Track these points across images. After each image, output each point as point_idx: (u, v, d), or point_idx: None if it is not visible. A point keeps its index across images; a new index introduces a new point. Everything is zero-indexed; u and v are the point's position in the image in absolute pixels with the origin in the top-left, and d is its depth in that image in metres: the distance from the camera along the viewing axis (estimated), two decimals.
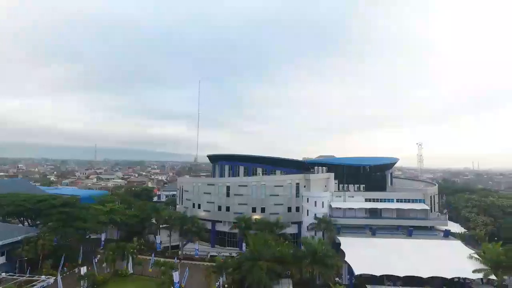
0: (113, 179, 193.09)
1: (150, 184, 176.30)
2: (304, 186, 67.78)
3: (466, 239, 61.54)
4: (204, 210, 70.29)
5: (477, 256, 49.17)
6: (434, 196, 70.72)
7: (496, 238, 71.08)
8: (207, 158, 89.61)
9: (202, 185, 72.04)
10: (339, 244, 55.13)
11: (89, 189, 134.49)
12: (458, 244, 55.41)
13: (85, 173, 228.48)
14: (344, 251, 52.14)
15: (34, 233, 52.74)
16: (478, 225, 74.61)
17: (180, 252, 64.46)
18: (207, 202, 70.04)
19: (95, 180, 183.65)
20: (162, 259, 54.77)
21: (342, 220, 62.68)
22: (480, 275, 45.40)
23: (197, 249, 63.11)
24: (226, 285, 45.84)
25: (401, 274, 46.42)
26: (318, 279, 49.09)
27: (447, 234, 58.85)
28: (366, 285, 44.53)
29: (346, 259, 50.06)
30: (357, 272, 47.11)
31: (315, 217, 61.91)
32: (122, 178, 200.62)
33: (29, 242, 49.32)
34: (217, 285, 48.92)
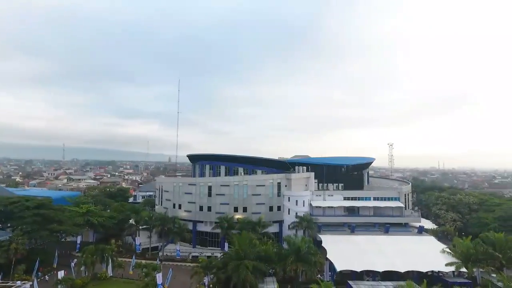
0: (85, 179, 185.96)
1: (124, 185, 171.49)
2: (285, 186, 68.73)
3: (437, 235, 64.93)
4: (185, 211, 69.49)
5: (449, 251, 52.25)
6: (408, 194, 74.03)
7: (463, 233, 75.57)
8: (187, 157, 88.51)
9: (183, 185, 71.18)
10: (321, 241, 56.49)
11: (59, 190, 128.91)
12: (431, 239, 58.45)
13: (54, 174, 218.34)
14: (326, 248, 53.50)
15: (6, 237, 50.09)
16: (448, 221, 78.93)
17: (160, 253, 63.44)
18: (188, 202, 69.29)
19: (65, 181, 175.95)
20: (143, 261, 53.72)
21: (322, 218, 64.18)
22: (452, 268, 48.28)
23: (179, 250, 62.36)
24: (211, 285, 45.71)
25: (381, 269, 48.32)
26: (300, 277, 50.06)
27: (421, 230, 61.85)
28: (348, 281, 45.93)
29: (328, 256, 51.42)
30: (339, 268, 48.54)
31: (296, 216, 62.98)
32: (94, 179, 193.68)
33: (0, 246, 46.80)
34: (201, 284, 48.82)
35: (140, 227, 66.53)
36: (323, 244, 54.99)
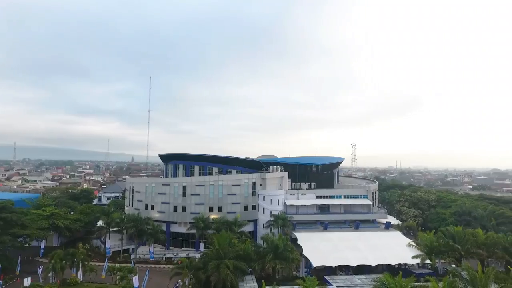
0: (42, 180, 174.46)
1: (86, 186, 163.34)
2: (260, 185, 69.61)
3: (402, 230, 69.15)
4: (158, 212, 67.94)
5: (414, 244, 56.01)
6: (375, 192, 78.02)
7: (423, 228, 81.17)
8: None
9: (156, 185, 69.52)
10: (296, 239, 57.96)
11: (14, 192, 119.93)
12: (397, 234, 62.17)
13: (5, 175, 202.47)
14: (301, 245, 55.04)
15: None
16: (410, 217, 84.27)
17: (133, 256, 61.60)
18: (162, 203, 67.84)
19: (19, 182, 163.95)
20: (117, 264, 51.91)
21: (296, 216, 65.74)
22: (418, 260, 51.78)
23: (152, 252, 60.89)
24: (190, 286, 45.30)
25: (354, 264, 50.73)
26: (277, 274, 51.10)
27: (388, 226, 65.56)
28: (324, 276, 47.65)
29: (304, 253, 52.98)
30: (315, 264, 50.25)
31: (271, 215, 64.02)
32: (52, 180, 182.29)
33: None
34: (175, 286, 48.20)
35: (111, 230, 64.12)
36: (298, 242, 56.48)
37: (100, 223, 67.75)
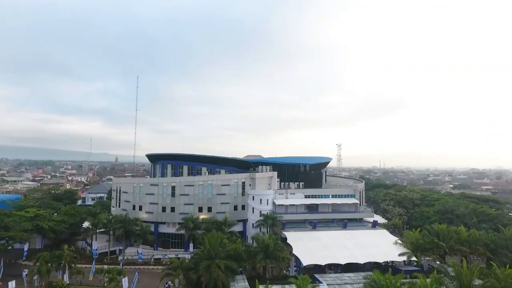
0: (22, 181, 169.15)
1: (68, 186, 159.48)
2: (250, 185, 69.76)
3: (388, 228, 70.71)
4: (146, 212, 67.08)
5: (400, 242, 57.46)
6: (362, 191, 79.47)
7: (408, 226, 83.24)
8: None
9: (145, 185, 68.61)
10: (285, 238, 58.47)
11: None
12: (384, 232, 63.59)
13: None
14: (291, 244, 55.60)
15: None
16: (395, 215, 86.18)
17: (120, 257, 60.66)
18: (150, 203, 67.01)
19: None
20: (105, 266, 50.99)
21: (285, 216, 66.25)
22: (404, 258, 53.14)
23: (140, 253, 60.16)
24: (181, 287, 45.02)
25: (343, 262, 51.61)
26: (268, 273, 51.41)
27: (375, 225, 66.93)
28: (314, 275, 48.24)
29: (294, 252, 53.53)
30: (305, 263, 50.87)
31: (261, 214, 64.30)
32: (33, 180, 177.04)
33: None
34: (165, 287, 47.80)
35: (98, 231, 62.93)
36: (288, 241, 57.01)
37: (86, 224, 66.29)
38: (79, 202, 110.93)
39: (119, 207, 71.59)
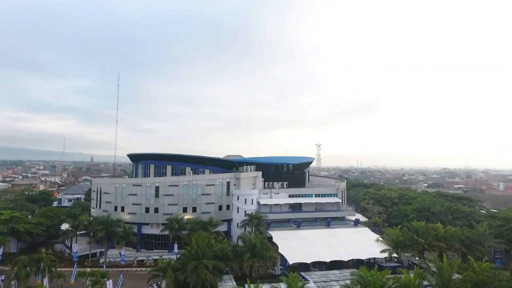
0: None
1: (42, 187, 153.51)
2: (234, 185, 69.78)
3: (370, 226, 72.74)
4: (128, 213, 65.67)
5: (382, 239, 59.32)
6: (344, 190, 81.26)
7: (387, 224, 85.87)
8: (128, 157, 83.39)
9: (127, 186, 67.12)
10: (271, 237, 58.95)
11: None
12: (366, 230, 65.39)
13: None
14: (277, 243, 56.12)
15: None
16: (374, 213, 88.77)
17: (102, 260, 59.14)
18: (133, 204, 65.67)
19: None
20: (88, 269, 49.59)
21: (270, 215, 66.68)
22: (386, 254, 54.95)
23: (123, 255, 58.88)
24: None
25: (327, 260, 52.72)
26: (255, 273, 51.74)
27: (357, 223, 68.69)
28: (300, 273, 48.98)
29: (280, 251, 54.11)
30: (291, 261, 51.53)
31: (246, 214, 64.48)
32: (4, 181, 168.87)
33: None
34: None
35: (78, 233, 61.04)
36: (273, 240, 57.49)
37: (65, 226, 64.14)
38: (55, 203, 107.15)
39: (100, 208, 69.70)
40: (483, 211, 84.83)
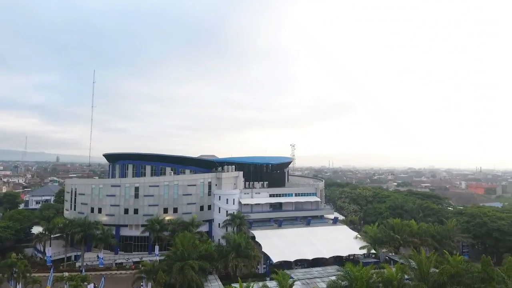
0: None
1: (5, 189, 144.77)
2: (216, 185, 69.52)
3: (347, 224, 75.10)
4: (106, 215, 63.53)
5: (360, 236, 61.57)
6: (322, 190, 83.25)
7: (362, 222, 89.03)
8: (104, 157, 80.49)
9: (105, 186, 64.88)
10: (253, 237, 59.42)
11: None
12: (345, 228, 67.55)
13: None
14: (260, 243, 56.73)
15: None
16: (350, 212, 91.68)
17: (79, 264, 56.94)
18: (111, 205, 63.61)
19: None
20: (65, 273, 47.55)
21: (251, 215, 67.10)
22: (364, 251, 57.13)
23: (102, 258, 56.99)
24: None
25: (310, 257, 54.03)
26: (239, 272, 51.92)
27: (336, 221, 70.76)
28: (281, 271, 49.76)
29: (263, 250, 54.73)
30: (275, 260, 52.30)
31: (227, 214, 64.47)
32: None
33: None
34: None
35: (52, 236, 58.35)
36: (257, 239, 58.03)
37: (37, 229, 61.02)
38: (22, 206, 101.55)
39: (75, 210, 66.91)
40: (450, 208, 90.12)
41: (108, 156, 79.50)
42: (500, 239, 62.74)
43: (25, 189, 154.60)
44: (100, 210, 64.21)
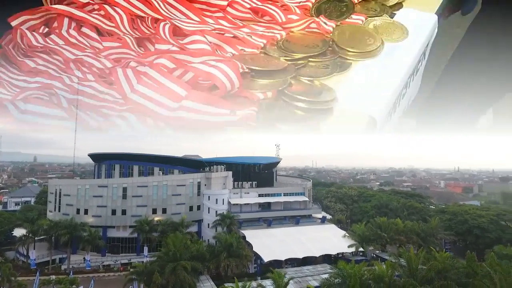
0: None
1: None
2: (205, 185, 69.33)
3: (334, 223, 76.38)
4: (93, 216, 62.27)
5: (348, 235, 62.89)
6: (310, 189, 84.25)
7: (349, 221, 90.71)
8: (89, 157, 78.70)
9: (91, 187, 63.53)
10: (244, 237, 59.60)
11: None
12: (333, 227, 68.73)
13: None
14: (251, 242, 56.99)
15: None
16: (336, 211, 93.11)
17: (65, 266, 55.61)
18: (98, 206, 62.40)
19: None
20: (52, 276, 46.39)
21: (241, 215, 67.14)
22: (352, 249, 58.42)
23: (89, 260, 55.86)
24: None
25: (301, 256, 54.83)
26: (231, 272, 52.00)
27: (324, 220, 71.88)
28: (276, 269, 50.24)
29: (254, 249, 55.04)
30: (266, 259, 52.79)
31: (217, 214, 64.39)
32: None
33: None
34: None
35: (36, 238, 56.68)
36: (247, 239, 58.23)
37: (20, 231, 59.17)
38: (0, 207, 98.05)
39: (59, 211, 65.19)
40: (432, 207, 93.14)
41: (93, 156, 77.79)
42: (480, 236, 65.40)
43: (2, 190, 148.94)
44: (86, 211, 62.86)
